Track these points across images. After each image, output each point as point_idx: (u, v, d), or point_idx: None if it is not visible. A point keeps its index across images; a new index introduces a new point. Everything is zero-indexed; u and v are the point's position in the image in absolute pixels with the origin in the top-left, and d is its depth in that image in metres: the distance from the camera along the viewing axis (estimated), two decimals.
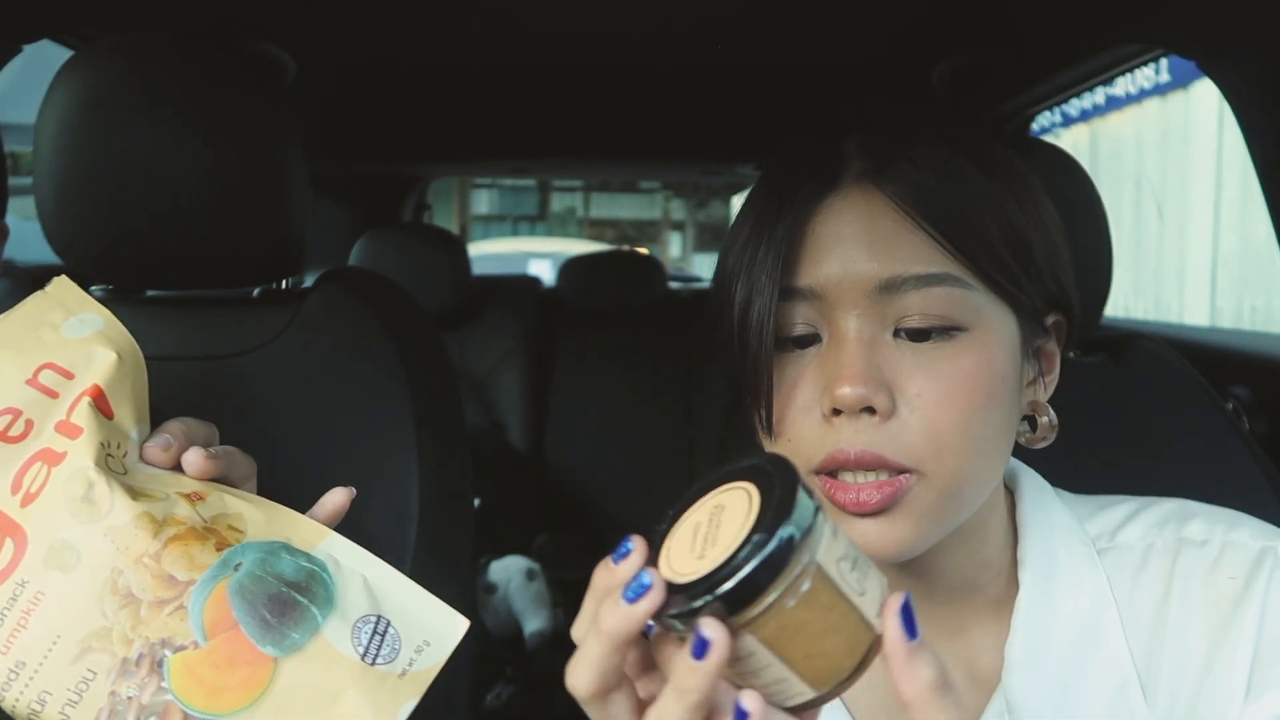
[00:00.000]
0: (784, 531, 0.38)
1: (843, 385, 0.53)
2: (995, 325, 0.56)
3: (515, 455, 2.45)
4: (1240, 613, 0.56)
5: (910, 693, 0.40)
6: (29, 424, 0.60)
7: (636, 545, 0.41)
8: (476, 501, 2.07)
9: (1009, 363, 0.57)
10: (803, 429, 0.55)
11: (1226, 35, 1.01)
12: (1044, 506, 0.63)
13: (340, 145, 2.16)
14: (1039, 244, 0.58)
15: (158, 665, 0.54)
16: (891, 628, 0.40)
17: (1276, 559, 0.56)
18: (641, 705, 0.42)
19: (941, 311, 0.54)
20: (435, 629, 0.58)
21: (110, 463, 0.60)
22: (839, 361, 0.54)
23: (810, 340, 0.56)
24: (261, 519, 0.62)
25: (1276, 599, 0.55)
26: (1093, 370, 0.92)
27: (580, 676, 0.41)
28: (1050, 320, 0.61)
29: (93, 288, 1.07)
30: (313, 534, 0.62)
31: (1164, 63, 4.55)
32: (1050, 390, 0.62)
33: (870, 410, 0.53)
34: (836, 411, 0.54)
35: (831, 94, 1.60)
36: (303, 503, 0.97)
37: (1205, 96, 4.72)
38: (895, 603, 0.40)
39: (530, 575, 2.07)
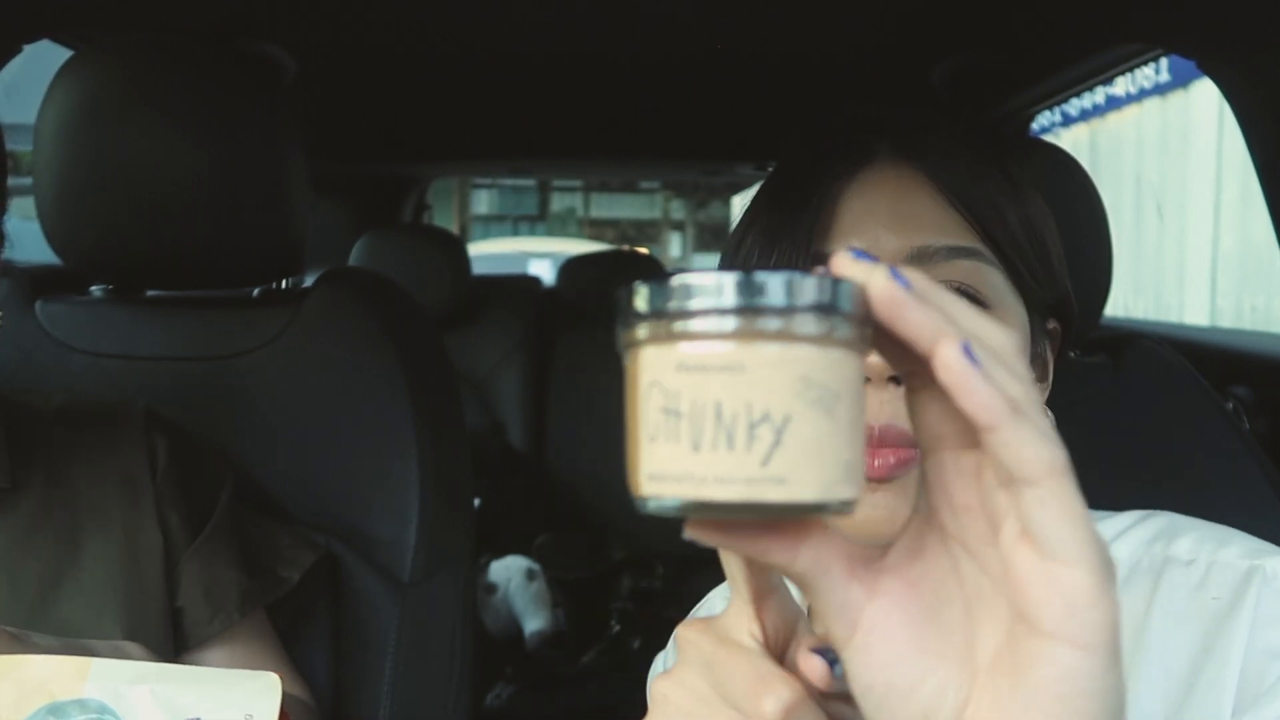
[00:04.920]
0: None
1: (870, 353, 0.53)
2: (1012, 312, 0.57)
3: (515, 455, 2.45)
4: (1226, 632, 0.54)
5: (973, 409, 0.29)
6: None
7: None
8: (476, 501, 2.07)
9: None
10: None
11: (1227, 35, 1.00)
12: None
13: (340, 145, 2.16)
14: (1053, 246, 0.59)
15: None
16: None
17: (1265, 577, 0.55)
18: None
19: (969, 282, 0.55)
20: (250, 696, 0.55)
21: None
22: None
23: None
24: (10, 695, 0.54)
25: (1264, 616, 0.54)
26: (1093, 370, 0.92)
27: None
28: (1050, 325, 0.62)
29: (93, 288, 1.07)
30: (75, 670, 0.55)
31: (1164, 63, 4.55)
32: (1045, 395, 0.62)
33: (896, 380, 0.53)
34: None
35: (831, 94, 1.60)
36: (302, 502, 0.97)
37: (1205, 96, 4.72)
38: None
39: (530, 575, 2.07)
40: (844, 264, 0.31)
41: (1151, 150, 5.55)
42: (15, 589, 0.73)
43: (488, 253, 6.64)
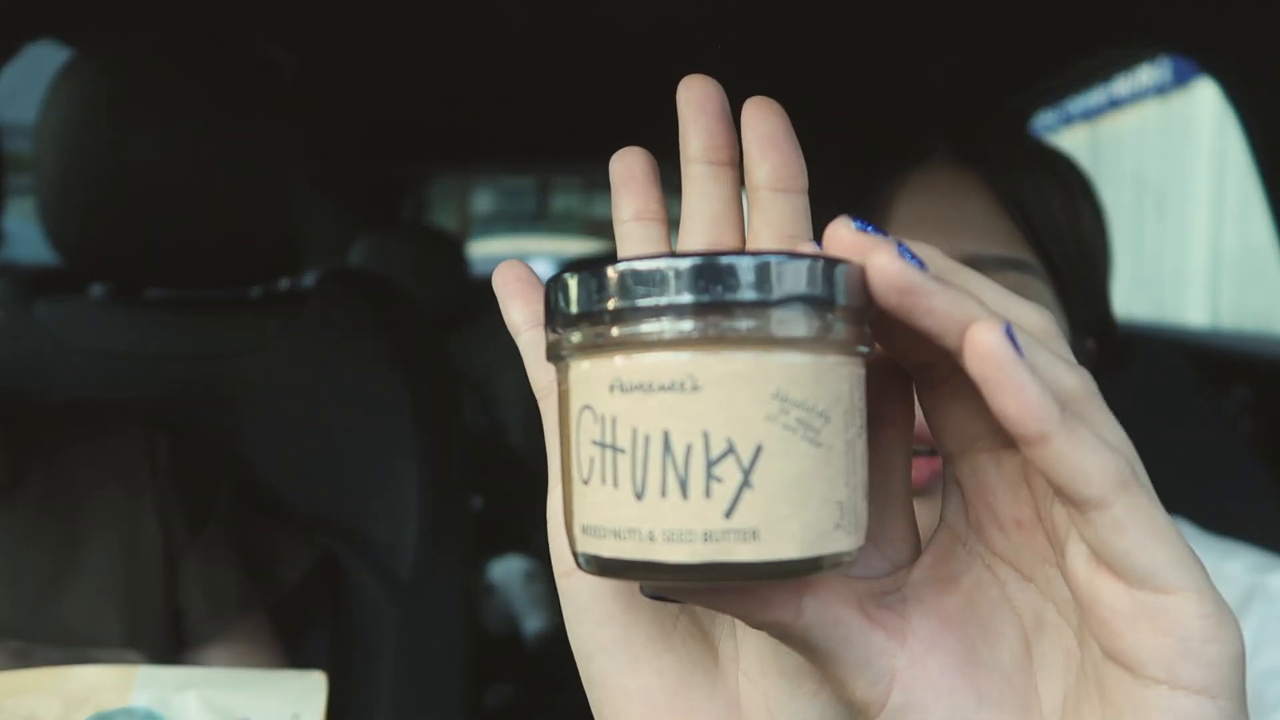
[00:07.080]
0: None
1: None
2: None
3: (515, 455, 2.45)
4: None
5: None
6: None
7: None
8: (477, 502, 2.07)
9: None
10: None
11: (1227, 35, 1.00)
12: None
13: (340, 145, 2.16)
14: (1102, 262, 0.58)
15: None
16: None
17: (1267, 595, 0.54)
18: None
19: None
20: (297, 696, 0.55)
21: None
22: None
23: None
24: (56, 708, 0.54)
25: (1266, 636, 0.53)
26: (1092, 372, 0.92)
27: None
28: (1088, 345, 0.60)
29: (92, 288, 1.07)
30: (121, 679, 0.55)
31: (1164, 63, 4.55)
32: None
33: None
34: None
35: (830, 93, 1.60)
36: (301, 503, 0.97)
37: (1205, 96, 4.72)
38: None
39: (530, 575, 2.07)
40: (839, 239, 0.24)
41: (1151, 150, 5.56)
42: (15, 587, 0.73)
43: (488, 253, 6.63)
